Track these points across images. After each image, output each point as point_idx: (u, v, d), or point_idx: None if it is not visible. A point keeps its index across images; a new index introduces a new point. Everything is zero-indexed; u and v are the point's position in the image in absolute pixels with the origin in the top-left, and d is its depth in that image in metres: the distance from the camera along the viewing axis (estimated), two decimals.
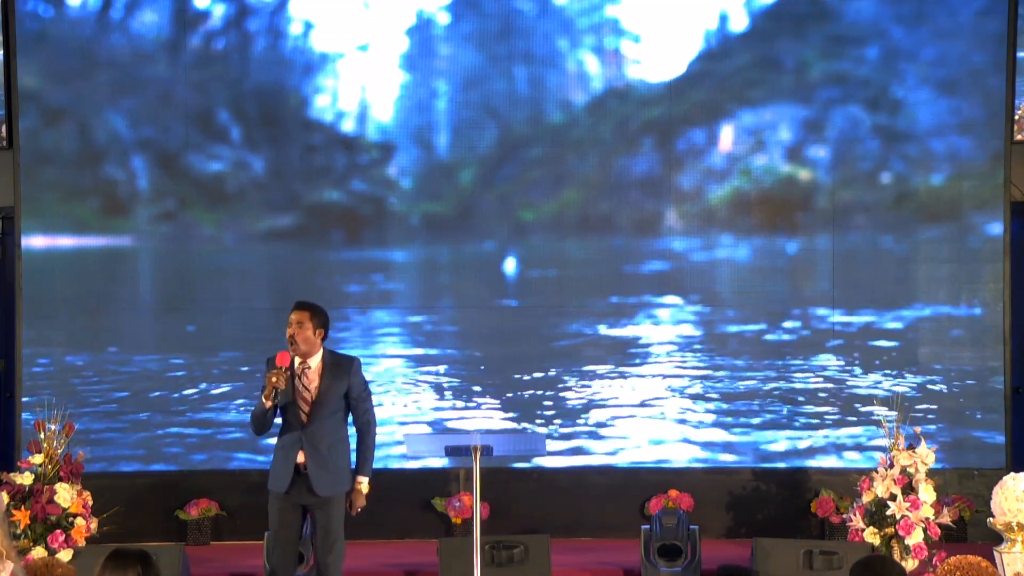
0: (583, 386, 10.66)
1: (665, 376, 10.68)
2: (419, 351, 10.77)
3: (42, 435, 9.21)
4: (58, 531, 8.96)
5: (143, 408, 10.59)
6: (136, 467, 10.56)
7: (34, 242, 10.63)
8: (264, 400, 7.47)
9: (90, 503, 9.17)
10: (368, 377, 7.96)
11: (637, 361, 10.69)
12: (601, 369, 10.68)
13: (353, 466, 7.71)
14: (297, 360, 7.60)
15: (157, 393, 10.60)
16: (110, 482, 10.15)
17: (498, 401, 10.64)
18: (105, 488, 9.79)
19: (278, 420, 7.70)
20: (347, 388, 7.65)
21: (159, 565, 8.47)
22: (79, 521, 9.02)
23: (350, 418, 7.76)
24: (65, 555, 8.86)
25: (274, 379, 7.41)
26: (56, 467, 9.13)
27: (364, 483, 7.67)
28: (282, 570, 7.68)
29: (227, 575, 9.35)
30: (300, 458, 7.54)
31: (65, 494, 9.01)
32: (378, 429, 7.91)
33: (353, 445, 7.76)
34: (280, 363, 7.45)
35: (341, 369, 7.67)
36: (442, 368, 10.72)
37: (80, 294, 10.70)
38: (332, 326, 7.87)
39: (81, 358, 10.61)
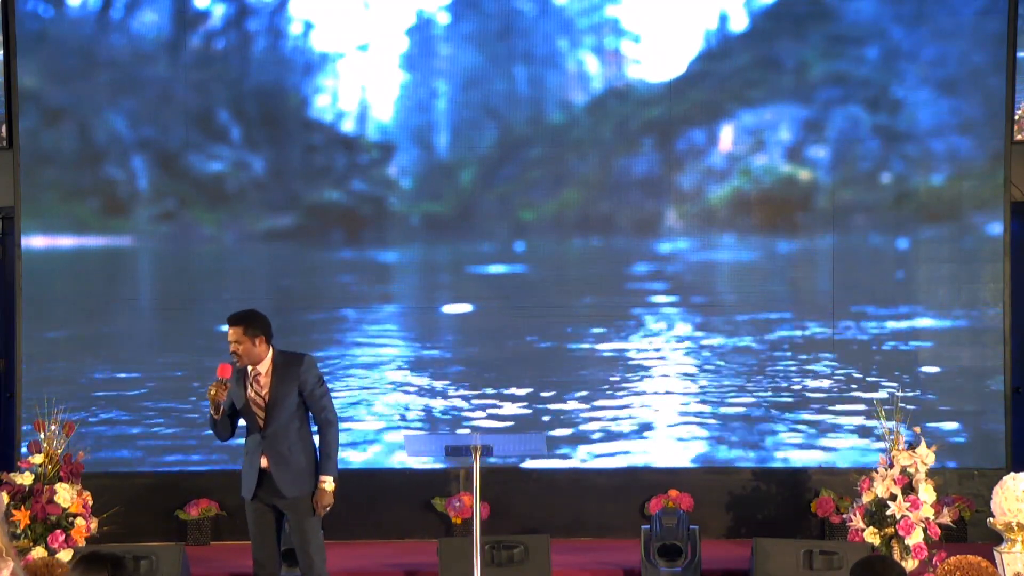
0: (583, 385, 10.65)
1: (665, 375, 10.68)
2: (418, 351, 10.76)
3: (42, 435, 9.22)
4: (58, 531, 8.96)
5: (143, 408, 10.59)
6: (136, 467, 10.56)
7: (34, 242, 10.63)
8: (211, 414, 7.51)
9: (90, 503, 9.17)
10: (368, 377, 7.95)
11: (637, 360, 10.69)
12: (601, 368, 10.67)
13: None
14: (249, 368, 7.58)
15: (157, 393, 10.60)
16: (110, 482, 10.14)
17: (498, 401, 10.64)
18: (105, 488, 9.78)
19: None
20: (298, 387, 7.57)
21: (159, 565, 8.50)
22: (79, 521, 9.02)
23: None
24: (65, 555, 8.86)
25: (212, 391, 7.44)
26: (56, 467, 9.13)
27: (328, 482, 7.53)
28: (266, 571, 7.66)
29: (227, 575, 9.35)
30: (263, 462, 7.53)
31: (65, 494, 9.01)
32: (377, 428, 7.89)
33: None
34: (221, 375, 7.45)
35: (291, 368, 7.59)
36: (442, 368, 10.72)
37: (80, 294, 10.70)
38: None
39: (81, 358, 10.61)
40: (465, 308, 10.78)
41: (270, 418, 7.53)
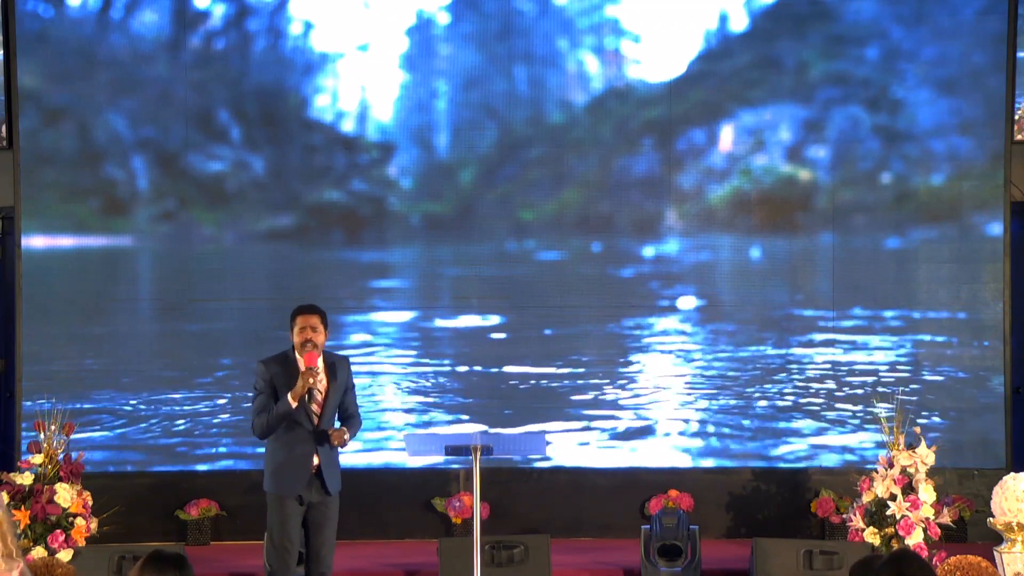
0: (583, 386, 10.65)
1: (665, 375, 10.68)
2: (419, 351, 10.76)
3: (42, 435, 9.21)
4: (58, 531, 8.96)
5: (143, 408, 10.59)
6: (136, 467, 10.55)
7: (34, 242, 10.62)
8: (291, 400, 7.49)
9: (90, 503, 9.16)
10: (367, 376, 7.98)
11: (637, 360, 10.69)
12: (601, 368, 10.68)
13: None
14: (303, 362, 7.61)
15: (157, 393, 10.60)
16: (110, 482, 10.14)
17: (498, 401, 10.64)
18: (105, 488, 9.78)
19: None
20: (345, 385, 7.74)
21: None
22: (79, 521, 9.02)
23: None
24: (65, 555, 8.85)
25: (311, 380, 7.48)
26: (56, 467, 9.12)
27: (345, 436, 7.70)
28: (286, 572, 7.67)
29: (227, 575, 9.35)
30: (316, 460, 7.58)
31: (65, 494, 9.00)
32: (376, 426, 7.89)
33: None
34: (310, 364, 7.51)
35: (341, 368, 7.75)
36: (442, 368, 10.71)
37: (80, 294, 10.69)
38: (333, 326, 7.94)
39: (81, 358, 10.61)
40: (465, 308, 10.78)
41: (324, 414, 7.63)
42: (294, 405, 7.50)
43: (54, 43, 10.65)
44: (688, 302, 10.75)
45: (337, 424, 7.77)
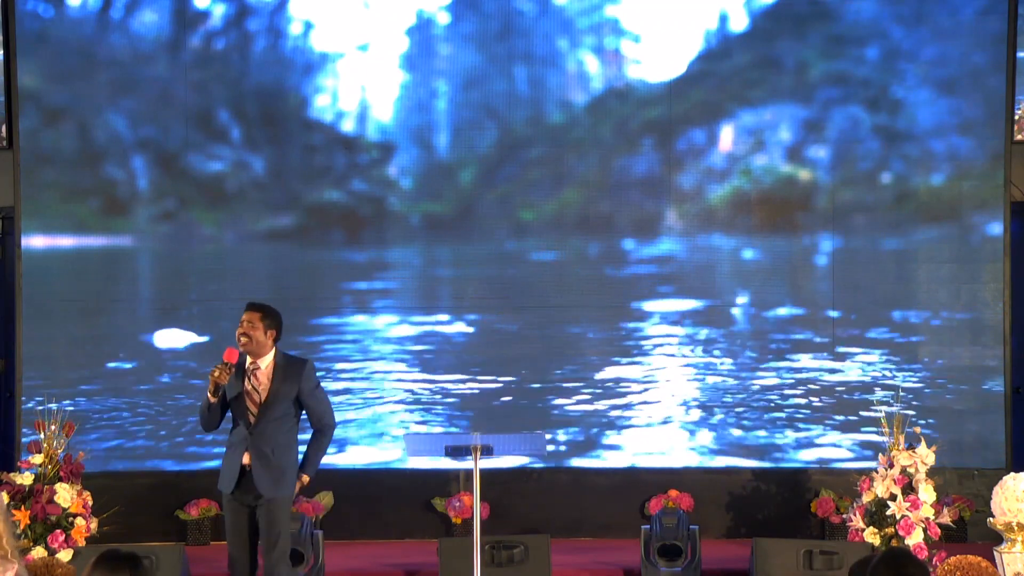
0: (583, 386, 10.65)
1: (665, 376, 10.68)
2: (417, 350, 10.76)
3: (42, 435, 9.21)
4: (58, 531, 8.96)
5: (143, 408, 10.59)
6: (136, 467, 10.55)
7: (34, 242, 10.62)
8: (208, 396, 7.46)
9: (90, 503, 9.16)
10: (367, 376, 7.94)
11: (637, 361, 10.69)
12: (601, 369, 10.68)
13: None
14: (248, 360, 7.57)
15: (157, 392, 10.59)
16: (110, 482, 10.14)
17: (498, 400, 10.64)
18: (105, 488, 9.78)
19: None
20: (297, 391, 7.55)
21: (159, 565, 8.50)
22: (79, 521, 9.02)
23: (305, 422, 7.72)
24: (65, 555, 8.86)
25: (216, 373, 7.40)
26: (56, 467, 9.13)
27: (304, 479, 7.61)
28: (238, 570, 7.63)
29: (227, 575, 9.33)
30: (245, 459, 7.51)
31: (65, 494, 9.00)
32: (376, 428, 7.86)
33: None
34: (227, 359, 7.43)
35: (292, 371, 7.57)
36: (441, 368, 10.71)
37: (80, 294, 10.69)
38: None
39: (81, 358, 10.61)
40: (464, 308, 10.78)
41: (262, 415, 7.51)
42: (212, 400, 7.48)
43: (54, 43, 10.65)
44: (688, 302, 10.75)
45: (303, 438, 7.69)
